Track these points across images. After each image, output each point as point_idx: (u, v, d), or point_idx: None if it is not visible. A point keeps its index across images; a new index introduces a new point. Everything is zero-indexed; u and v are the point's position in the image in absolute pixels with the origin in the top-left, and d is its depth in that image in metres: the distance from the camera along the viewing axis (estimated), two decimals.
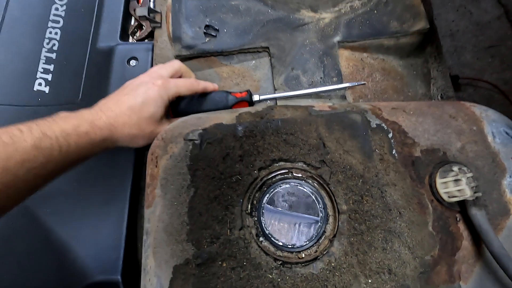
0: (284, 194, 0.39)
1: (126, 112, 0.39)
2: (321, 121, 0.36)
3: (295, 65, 0.54)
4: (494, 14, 0.97)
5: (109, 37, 0.67)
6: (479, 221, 0.30)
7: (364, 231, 0.32)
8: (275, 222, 0.36)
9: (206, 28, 0.55)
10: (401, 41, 0.58)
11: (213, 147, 0.34)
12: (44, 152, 0.31)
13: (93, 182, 0.54)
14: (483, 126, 0.36)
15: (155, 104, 0.40)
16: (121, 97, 0.41)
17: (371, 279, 0.31)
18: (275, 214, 0.37)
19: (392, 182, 0.33)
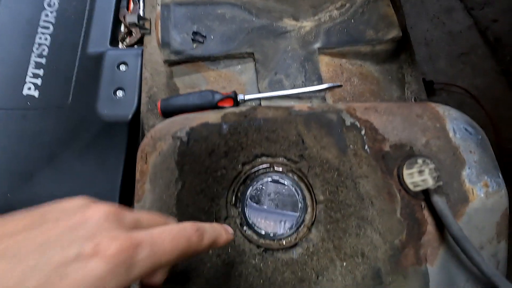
0: (270, 193, 0.42)
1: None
2: (300, 119, 0.39)
3: (278, 70, 0.57)
4: (465, 24, 1.04)
5: (99, 43, 0.69)
6: (440, 206, 0.33)
7: (339, 219, 0.35)
8: (262, 220, 0.39)
9: (194, 34, 0.58)
10: (377, 48, 0.62)
11: (200, 144, 0.37)
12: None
13: (82, 185, 0.56)
14: (446, 123, 0.40)
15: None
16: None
17: (345, 262, 0.33)
18: (262, 213, 0.40)
19: (364, 174, 0.37)
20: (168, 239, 0.20)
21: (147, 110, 0.59)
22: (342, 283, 0.33)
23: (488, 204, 0.37)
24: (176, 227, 0.21)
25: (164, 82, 0.61)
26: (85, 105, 0.64)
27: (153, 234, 0.19)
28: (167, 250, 0.19)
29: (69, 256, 0.17)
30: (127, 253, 0.18)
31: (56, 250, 0.17)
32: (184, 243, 0.20)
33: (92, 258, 0.17)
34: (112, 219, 0.19)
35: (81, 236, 0.17)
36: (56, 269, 0.16)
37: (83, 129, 0.62)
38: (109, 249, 0.17)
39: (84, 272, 0.16)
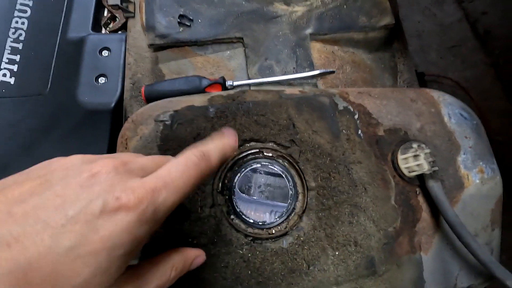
0: (261, 185, 0.40)
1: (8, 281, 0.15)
2: (291, 103, 0.37)
3: (269, 56, 0.55)
4: (456, 17, 1.04)
5: (80, 28, 0.65)
6: (435, 192, 0.32)
7: (331, 206, 0.33)
8: (251, 212, 0.37)
9: (180, 17, 0.55)
10: (370, 35, 0.60)
11: (184, 128, 0.34)
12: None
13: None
14: (440, 108, 0.39)
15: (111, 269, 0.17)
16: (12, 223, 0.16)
17: (338, 251, 0.32)
18: (251, 204, 0.38)
19: (358, 160, 0.35)
20: (178, 174, 0.20)
21: (131, 97, 0.56)
22: (334, 272, 0.31)
23: (483, 191, 0.36)
24: (181, 160, 0.21)
25: (149, 68, 0.58)
26: (65, 93, 0.60)
27: (164, 176, 0.19)
28: (180, 185, 0.20)
29: (94, 213, 0.17)
30: (148, 200, 0.18)
31: (78, 209, 0.17)
32: (194, 172, 0.21)
33: (116, 212, 0.17)
34: (122, 171, 0.19)
35: (98, 192, 0.17)
36: (86, 225, 0.16)
37: (63, 117, 0.58)
38: (130, 200, 0.17)
39: (113, 225, 0.17)
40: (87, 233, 0.16)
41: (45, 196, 0.17)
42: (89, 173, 0.18)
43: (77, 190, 0.17)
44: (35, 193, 0.17)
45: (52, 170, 0.19)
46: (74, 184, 0.18)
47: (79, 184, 0.18)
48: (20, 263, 0.15)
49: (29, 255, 0.15)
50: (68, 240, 0.16)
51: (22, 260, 0.15)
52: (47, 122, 0.57)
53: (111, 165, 0.19)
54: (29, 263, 0.15)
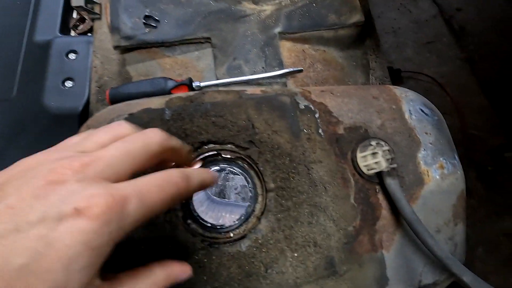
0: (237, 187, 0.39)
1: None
2: (251, 103, 0.36)
3: (237, 55, 0.54)
4: (431, 13, 1.06)
5: (47, 30, 0.64)
6: (392, 189, 0.32)
7: (290, 207, 0.33)
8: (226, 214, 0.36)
9: (146, 18, 0.54)
10: (340, 33, 0.60)
11: None
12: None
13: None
14: (402, 104, 0.39)
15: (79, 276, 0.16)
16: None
17: (297, 252, 0.31)
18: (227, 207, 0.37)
19: (318, 159, 0.35)
20: (155, 188, 0.19)
21: (97, 100, 0.54)
22: (292, 275, 0.31)
23: (443, 186, 0.36)
24: (163, 174, 0.20)
25: (116, 70, 0.56)
26: (31, 97, 0.58)
27: (139, 186, 0.18)
28: (155, 199, 0.19)
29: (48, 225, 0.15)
30: (114, 210, 0.17)
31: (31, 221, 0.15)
32: (172, 189, 0.20)
33: (76, 219, 0.16)
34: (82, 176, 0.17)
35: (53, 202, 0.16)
36: (39, 239, 0.15)
37: (29, 123, 0.57)
38: (94, 207, 0.16)
39: (69, 237, 0.16)
40: (40, 248, 0.15)
41: None
42: (44, 181, 0.17)
43: (31, 200, 0.16)
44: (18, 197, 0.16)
45: (10, 177, 0.18)
46: (29, 193, 0.16)
47: (33, 194, 0.16)
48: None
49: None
50: (21, 257, 0.15)
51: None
52: (13, 127, 0.56)
53: (69, 170, 0.17)
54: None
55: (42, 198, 0.16)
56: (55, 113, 0.57)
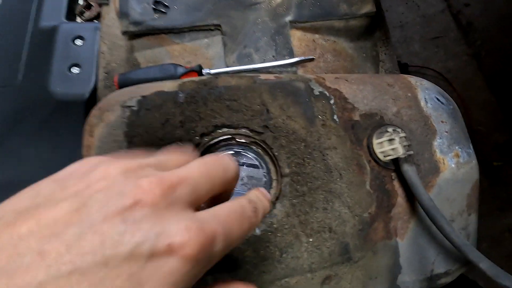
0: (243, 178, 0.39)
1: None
2: (265, 88, 0.36)
3: (248, 43, 0.54)
4: (439, 8, 1.05)
5: (53, 16, 0.63)
6: (410, 176, 0.31)
7: (305, 192, 0.32)
8: None
9: (156, 4, 0.53)
10: (351, 23, 0.60)
11: (152, 113, 0.33)
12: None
13: (34, 170, 0.51)
14: (417, 92, 0.38)
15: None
16: None
17: (312, 238, 0.31)
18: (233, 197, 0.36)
19: (333, 146, 0.34)
20: (237, 223, 0.17)
21: (105, 86, 0.54)
22: (307, 260, 0.30)
23: (459, 175, 0.36)
24: (238, 206, 0.18)
25: (124, 56, 0.55)
26: (37, 83, 0.58)
27: (222, 220, 0.16)
28: (235, 236, 0.17)
29: (140, 259, 0.13)
30: (207, 248, 0.15)
31: (122, 254, 0.13)
32: (247, 226, 0.18)
33: (169, 257, 0.14)
34: (171, 200, 0.15)
35: (145, 230, 0.14)
36: (129, 279, 0.13)
37: (34, 109, 0.56)
38: (187, 246, 0.14)
39: (162, 276, 0.14)
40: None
41: (82, 230, 0.14)
42: (132, 201, 0.14)
43: (119, 226, 0.14)
44: (70, 224, 0.14)
45: (89, 185, 0.15)
46: (115, 216, 0.14)
47: (121, 217, 0.14)
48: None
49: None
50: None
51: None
52: (18, 114, 0.55)
53: (158, 191, 0.15)
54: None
55: (130, 224, 0.14)
56: (61, 99, 0.56)
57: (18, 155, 0.55)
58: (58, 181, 0.16)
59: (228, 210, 0.17)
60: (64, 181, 0.16)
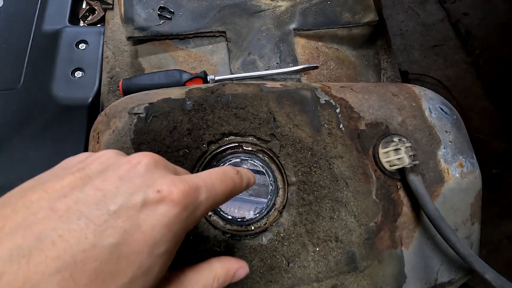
0: None
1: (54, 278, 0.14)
2: (272, 96, 0.36)
3: (252, 50, 0.54)
4: (438, 17, 1.06)
5: (57, 20, 0.63)
6: (416, 186, 0.32)
7: (312, 201, 0.32)
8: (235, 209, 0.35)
9: (161, 10, 0.54)
10: (353, 32, 0.60)
11: (159, 121, 0.33)
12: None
13: (35, 174, 0.50)
14: (421, 102, 0.39)
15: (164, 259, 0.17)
16: None
17: (318, 247, 0.31)
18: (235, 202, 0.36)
19: (339, 154, 0.34)
20: (219, 181, 0.20)
21: (108, 91, 0.54)
22: (314, 269, 0.30)
23: (463, 185, 0.36)
24: (220, 170, 0.21)
25: (128, 61, 0.56)
26: (39, 87, 0.58)
27: (205, 178, 0.19)
28: (219, 191, 0.20)
29: (136, 207, 0.16)
30: (191, 196, 0.17)
31: (119, 203, 0.16)
32: (230, 184, 0.21)
33: (159, 203, 0.16)
34: (161, 166, 0.19)
35: (138, 185, 0.17)
36: (128, 220, 0.16)
37: (37, 113, 0.56)
38: (172, 193, 0.17)
39: (156, 217, 0.16)
40: (129, 229, 0.15)
41: (85, 191, 0.16)
42: (128, 165, 0.18)
43: (117, 183, 0.17)
44: (76, 188, 0.16)
45: (89, 163, 0.18)
46: (114, 176, 0.17)
47: (118, 176, 0.17)
48: (66, 261, 0.14)
49: (74, 253, 0.14)
50: (111, 237, 0.15)
51: (68, 258, 0.14)
52: (20, 117, 0.55)
53: (152, 159, 0.18)
54: (74, 261, 0.14)
55: (126, 180, 0.17)
56: (64, 103, 0.56)
57: (21, 158, 0.54)
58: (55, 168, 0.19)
59: (210, 171, 0.21)
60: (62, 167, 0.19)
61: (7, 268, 0.13)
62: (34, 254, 0.14)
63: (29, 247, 0.14)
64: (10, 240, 0.14)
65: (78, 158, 0.19)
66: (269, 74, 0.50)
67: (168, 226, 0.16)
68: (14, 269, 0.13)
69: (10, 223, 0.15)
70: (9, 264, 0.13)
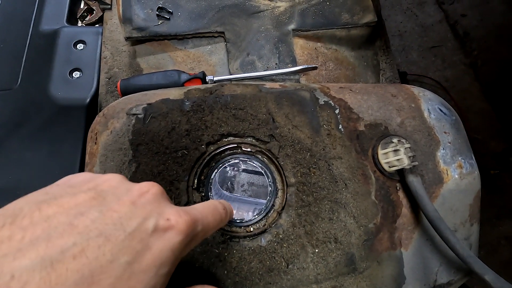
0: (244, 184, 0.39)
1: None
2: (271, 97, 0.36)
3: (251, 51, 0.54)
4: (436, 18, 1.07)
5: (54, 20, 0.62)
6: (415, 187, 0.32)
7: (311, 202, 0.32)
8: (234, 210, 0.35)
9: (159, 10, 0.53)
10: (352, 32, 0.60)
11: (158, 122, 0.33)
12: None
13: (33, 175, 0.50)
14: (420, 103, 0.39)
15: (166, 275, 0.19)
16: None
17: (318, 248, 0.31)
18: (234, 202, 0.36)
19: (338, 155, 0.34)
20: (210, 215, 0.22)
21: (107, 92, 0.53)
22: (313, 271, 0.30)
23: (462, 186, 0.36)
24: (212, 205, 0.23)
25: (127, 62, 0.55)
26: (37, 87, 0.57)
27: (201, 211, 0.22)
28: (211, 224, 0.22)
29: (148, 229, 0.18)
30: (192, 227, 0.19)
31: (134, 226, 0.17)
32: (218, 218, 0.23)
33: (167, 230, 0.18)
34: (165, 197, 0.21)
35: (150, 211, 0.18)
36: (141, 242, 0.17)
37: (34, 113, 0.55)
38: (178, 223, 0.19)
39: (164, 242, 0.18)
40: (141, 250, 0.17)
41: (101, 211, 0.17)
42: (139, 192, 0.19)
43: (131, 207, 0.18)
44: (92, 207, 0.17)
45: (99, 184, 0.19)
46: (127, 201, 0.19)
47: (131, 201, 0.19)
48: (84, 275, 0.15)
49: (93, 267, 0.15)
50: (126, 256, 0.16)
51: (86, 272, 0.15)
52: (17, 118, 0.54)
53: (157, 188, 0.20)
54: (91, 275, 0.15)
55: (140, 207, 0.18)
56: (61, 104, 0.56)
57: (18, 159, 0.54)
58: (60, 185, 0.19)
59: (203, 205, 0.23)
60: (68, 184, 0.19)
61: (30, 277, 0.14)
62: (55, 266, 0.14)
63: (51, 259, 0.14)
64: (33, 250, 0.14)
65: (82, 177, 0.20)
66: (268, 75, 0.50)
67: (173, 251, 0.18)
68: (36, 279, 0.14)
69: (30, 235, 0.15)
70: (32, 274, 0.14)
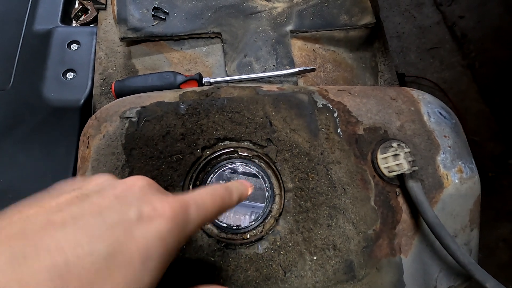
0: None
1: None
2: (268, 100, 0.35)
3: (248, 52, 0.53)
4: (434, 20, 1.07)
5: (48, 20, 0.61)
6: (415, 192, 0.31)
7: (309, 208, 0.31)
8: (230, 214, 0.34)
9: (155, 10, 0.52)
10: (350, 34, 0.60)
11: (152, 125, 0.32)
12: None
13: (26, 177, 0.49)
14: (420, 106, 0.38)
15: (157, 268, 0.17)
16: None
17: (316, 255, 0.30)
18: None
19: (337, 160, 0.34)
20: (208, 198, 0.21)
21: (101, 93, 0.52)
22: (312, 279, 0.29)
23: (462, 190, 0.36)
24: (209, 188, 0.23)
25: (121, 63, 0.54)
26: (30, 89, 0.56)
27: (195, 196, 0.21)
28: (209, 208, 0.21)
29: (132, 219, 0.17)
30: (182, 213, 0.19)
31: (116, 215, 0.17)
32: (219, 200, 0.22)
33: (153, 219, 0.17)
34: (154, 188, 0.20)
35: (133, 201, 0.18)
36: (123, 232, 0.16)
37: (27, 115, 0.54)
38: (165, 210, 0.18)
39: (149, 231, 0.17)
40: (123, 240, 0.16)
41: (82, 206, 0.17)
42: (124, 185, 0.19)
43: (113, 200, 0.18)
44: (72, 204, 0.17)
45: (85, 184, 0.19)
46: (110, 195, 0.18)
47: (114, 195, 0.18)
48: (60, 268, 0.15)
49: (68, 260, 0.15)
50: (106, 247, 0.16)
51: (62, 265, 0.15)
52: (10, 119, 0.53)
53: (145, 180, 0.20)
54: (68, 269, 0.15)
55: (122, 198, 0.18)
56: (55, 105, 0.55)
57: (10, 161, 0.53)
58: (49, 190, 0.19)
59: (199, 190, 0.22)
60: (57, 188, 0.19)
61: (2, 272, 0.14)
62: (29, 261, 0.14)
63: (25, 254, 0.14)
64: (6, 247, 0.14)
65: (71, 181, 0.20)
66: (266, 77, 0.49)
67: (161, 240, 0.17)
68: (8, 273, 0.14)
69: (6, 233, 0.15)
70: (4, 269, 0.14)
